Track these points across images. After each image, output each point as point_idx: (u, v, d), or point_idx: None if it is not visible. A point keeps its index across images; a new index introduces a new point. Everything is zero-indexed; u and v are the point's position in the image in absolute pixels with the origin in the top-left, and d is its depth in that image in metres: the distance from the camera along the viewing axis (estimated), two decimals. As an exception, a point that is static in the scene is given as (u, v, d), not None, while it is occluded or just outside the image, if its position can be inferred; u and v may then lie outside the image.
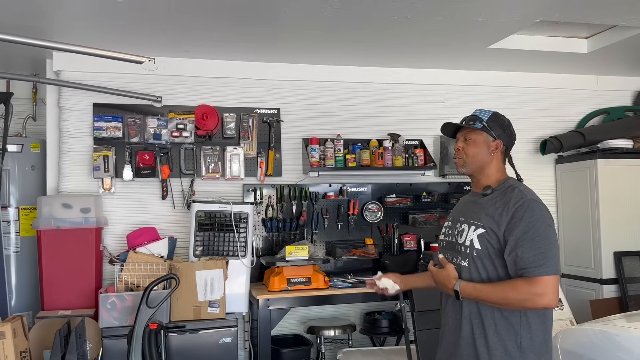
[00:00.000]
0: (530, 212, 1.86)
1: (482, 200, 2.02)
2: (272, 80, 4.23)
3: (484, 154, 2.05)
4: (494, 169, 2.06)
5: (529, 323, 1.90)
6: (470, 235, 1.96)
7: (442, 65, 4.44)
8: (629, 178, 4.41)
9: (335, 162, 4.08)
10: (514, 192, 1.94)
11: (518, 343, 1.89)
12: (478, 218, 1.97)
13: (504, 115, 2.12)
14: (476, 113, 2.10)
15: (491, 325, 1.91)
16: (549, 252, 1.82)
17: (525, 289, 1.81)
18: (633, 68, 4.67)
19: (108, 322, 3.21)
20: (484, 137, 2.05)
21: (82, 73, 3.86)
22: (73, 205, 3.57)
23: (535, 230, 1.84)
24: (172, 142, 3.95)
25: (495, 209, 1.93)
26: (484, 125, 2.05)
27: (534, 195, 1.95)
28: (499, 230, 1.89)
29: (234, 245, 3.60)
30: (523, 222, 1.85)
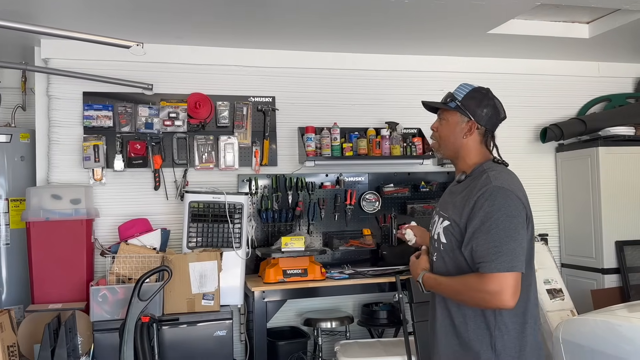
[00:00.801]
0: (492, 200, 1.68)
1: (455, 189, 1.89)
2: (267, 68, 4.13)
3: (456, 136, 1.87)
4: (469, 152, 1.87)
5: (504, 322, 1.73)
6: (438, 228, 1.85)
7: (440, 51, 4.35)
8: (630, 166, 4.33)
9: (332, 152, 4.00)
10: (482, 178, 1.76)
11: (492, 345, 1.73)
12: (446, 209, 1.85)
13: (488, 92, 1.91)
14: (457, 89, 1.91)
15: (462, 325, 1.78)
16: (504, 245, 1.63)
17: (477, 285, 1.66)
18: (635, 54, 4.59)
19: (99, 315, 3.13)
20: (457, 117, 1.87)
21: (71, 61, 3.76)
22: (63, 196, 3.48)
23: (492, 222, 1.66)
24: (164, 131, 3.86)
25: (462, 198, 1.78)
26: (458, 105, 1.86)
27: (503, 182, 1.73)
28: (461, 221, 1.74)
29: (229, 237, 3.52)
30: (482, 211, 1.68)
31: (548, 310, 3.95)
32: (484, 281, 1.64)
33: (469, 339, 1.76)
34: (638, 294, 4.13)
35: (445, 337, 1.84)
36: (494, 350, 1.72)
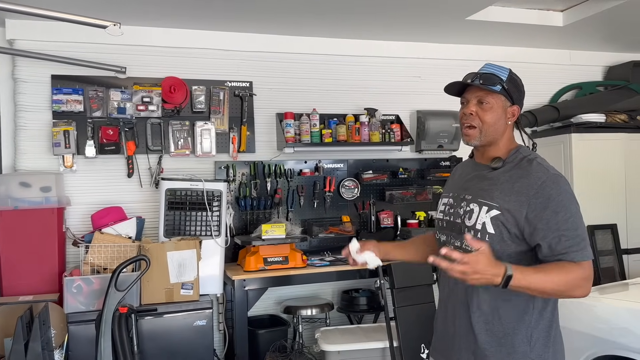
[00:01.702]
0: (557, 189, 1.60)
1: (492, 175, 1.72)
2: (244, 52, 4.04)
3: (501, 123, 1.72)
4: (507, 138, 1.76)
5: (539, 314, 1.67)
6: (482, 217, 1.66)
7: (419, 37, 4.34)
8: (601, 152, 4.44)
9: (311, 138, 3.95)
10: (533, 166, 1.66)
11: (528, 335, 1.66)
12: (491, 197, 1.67)
13: (516, 74, 1.80)
14: (492, 70, 1.74)
15: (495, 316, 1.67)
16: (584, 233, 1.60)
17: (577, 274, 1.56)
18: (605, 43, 4.69)
19: (74, 307, 3.02)
20: (502, 101, 1.72)
21: (39, 42, 3.59)
22: (32, 184, 3.33)
23: (567, 210, 1.58)
24: (138, 116, 3.73)
25: (512, 186, 1.65)
26: (504, 88, 1.71)
27: (555, 169, 1.68)
28: (520, 211, 1.61)
29: (207, 225, 3.44)
30: (553, 202, 1.58)
31: (523, 294, 4.03)
32: (582, 270, 1.57)
33: (503, 333, 1.67)
34: (608, 277, 4.25)
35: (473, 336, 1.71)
36: (529, 342, 1.66)
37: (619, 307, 2.72)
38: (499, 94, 1.72)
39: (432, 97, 4.47)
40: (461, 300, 1.74)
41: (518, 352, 1.65)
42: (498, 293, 1.64)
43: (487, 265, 1.49)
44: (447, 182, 2.02)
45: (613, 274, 4.36)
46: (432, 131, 4.25)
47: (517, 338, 1.65)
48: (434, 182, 4.32)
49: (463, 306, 1.73)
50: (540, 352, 1.66)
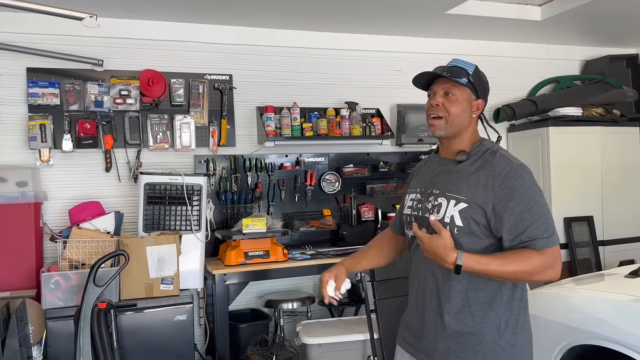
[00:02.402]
0: (521, 180, 1.65)
1: (457, 169, 1.76)
2: (224, 45, 4.01)
3: (466, 115, 1.77)
4: (472, 131, 1.81)
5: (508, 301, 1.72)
6: (450, 210, 1.70)
7: (399, 31, 4.35)
8: (578, 145, 4.51)
9: (292, 132, 3.94)
10: (496, 158, 1.71)
11: (497, 324, 1.70)
12: (458, 190, 1.71)
13: (482, 72, 1.85)
14: (459, 64, 1.79)
15: (465, 307, 1.71)
16: (549, 220, 1.66)
17: (538, 261, 1.62)
18: (582, 37, 4.75)
19: (52, 302, 2.98)
20: (467, 94, 1.77)
21: (13, 34, 3.51)
22: (7, 178, 3.27)
23: (532, 200, 1.64)
24: (115, 109, 3.68)
25: (478, 179, 1.69)
26: (470, 81, 1.76)
27: (517, 159, 1.73)
28: (487, 203, 1.66)
29: (187, 219, 3.42)
30: (517, 192, 1.64)
31: (502, 285, 4.08)
32: (543, 256, 1.63)
33: (473, 322, 1.71)
34: (584, 268, 4.34)
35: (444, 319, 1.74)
36: (498, 330, 1.71)
37: (595, 298, 2.76)
38: (464, 87, 1.77)
39: (412, 91, 4.39)
40: (431, 292, 1.78)
41: (487, 340, 1.69)
42: (468, 284, 1.70)
43: (440, 249, 1.62)
44: (411, 178, 2.04)
45: (589, 265, 4.44)
46: (412, 125, 4.28)
47: (486, 326, 1.70)
48: (414, 176, 4.34)
49: (434, 297, 1.77)
50: (509, 339, 1.70)
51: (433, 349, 1.77)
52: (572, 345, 2.71)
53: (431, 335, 1.77)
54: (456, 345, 1.72)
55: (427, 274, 1.79)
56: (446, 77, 1.77)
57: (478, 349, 1.70)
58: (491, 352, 1.69)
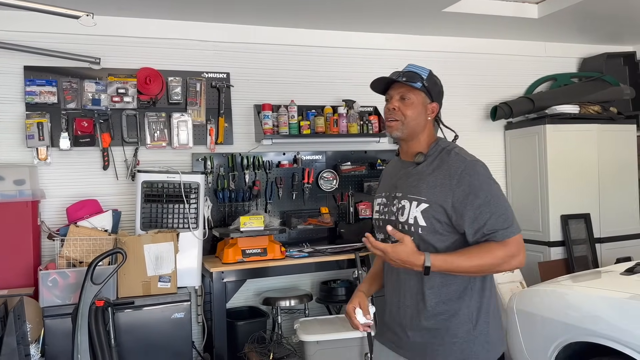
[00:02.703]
0: (476, 175, 1.73)
1: (416, 170, 1.84)
2: (221, 42, 4.01)
3: (421, 118, 1.85)
4: (428, 133, 1.88)
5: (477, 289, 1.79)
6: (413, 212, 1.77)
7: (396, 29, 4.36)
8: (575, 143, 4.52)
9: (290, 129, 3.95)
10: (451, 156, 1.79)
11: (470, 315, 1.77)
12: (419, 192, 1.78)
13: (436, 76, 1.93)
14: (414, 69, 1.86)
15: (440, 301, 1.77)
16: (507, 211, 1.73)
17: (501, 252, 1.69)
18: (579, 35, 4.76)
19: (49, 300, 2.99)
20: (422, 98, 1.85)
21: (10, 32, 3.51)
22: (5, 176, 3.28)
23: (488, 193, 1.71)
24: (113, 107, 3.69)
25: (436, 178, 1.77)
26: (424, 85, 1.84)
27: (472, 155, 1.81)
28: (446, 201, 1.73)
29: (185, 217, 3.42)
30: (474, 188, 1.71)
31: (499, 283, 4.09)
32: (505, 247, 1.69)
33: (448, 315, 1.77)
34: (581, 265, 4.35)
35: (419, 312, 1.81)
36: (471, 321, 1.78)
37: (591, 295, 2.77)
38: (419, 91, 1.84)
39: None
40: (405, 290, 1.84)
41: (462, 331, 1.77)
42: (440, 279, 1.77)
43: (406, 256, 1.68)
44: (379, 183, 2.10)
45: (586, 262, 4.46)
46: (409, 123, 4.27)
47: (460, 318, 1.77)
48: (411, 173, 4.35)
49: (407, 295, 1.84)
50: (482, 328, 1.78)
51: (411, 344, 1.83)
52: (568, 342, 2.72)
53: (409, 330, 1.84)
54: (433, 338, 1.79)
55: (401, 272, 1.85)
56: (401, 82, 1.84)
57: (454, 341, 1.77)
58: (466, 343, 1.77)
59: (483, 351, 1.77)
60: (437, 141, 1.88)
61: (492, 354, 1.81)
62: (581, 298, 2.80)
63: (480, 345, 1.77)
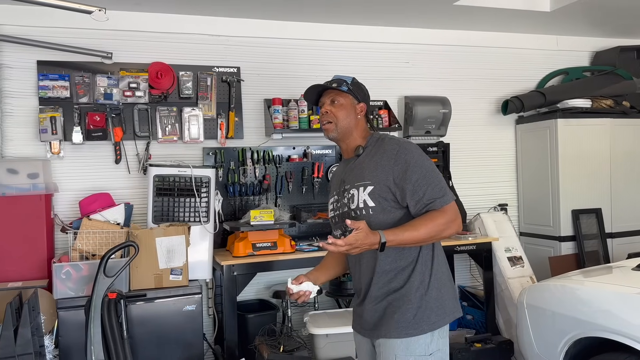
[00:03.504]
0: (410, 153, 1.93)
1: (358, 162, 2.03)
2: (231, 37, 4.02)
3: (351, 118, 2.06)
4: (361, 129, 2.09)
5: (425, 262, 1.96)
6: (361, 196, 1.95)
7: (407, 23, 4.34)
8: (587, 137, 4.49)
9: (300, 124, 3.96)
10: (385, 142, 2.00)
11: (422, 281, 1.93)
12: (363, 177, 1.97)
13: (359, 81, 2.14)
14: (339, 76, 2.10)
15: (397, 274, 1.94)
16: (441, 182, 1.92)
17: (442, 219, 1.87)
18: (592, 28, 4.71)
19: (63, 292, 3.04)
20: (350, 100, 2.06)
21: (24, 28, 3.55)
22: (19, 170, 3.32)
23: (423, 167, 1.91)
24: (125, 102, 3.71)
25: (375, 162, 1.96)
26: (350, 89, 2.06)
27: (403, 139, 2.05)
28: (388, 179, 1.92)
29: (195, 211, 3.45)
30: (410, 164, 1.90)
31: (509, 277, 4.09)
32: (444, 214, 1.89)
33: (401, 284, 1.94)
34: (592, 260, 4.33)
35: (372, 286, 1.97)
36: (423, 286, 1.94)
37: (602, 290, 2.76)
38: (346, 94, 2.06)
39: (420, 83, 4.49)
40: (366, 271, 2.00)
41: (416, 297, 1.92)
42: (395, 253, 1.93)
43: (365, 239, 1.81)
44: (330, 187, 2.25)
45: (597, 257, 4.44)
46: (419, 117, 4.27)
47: (413, 285, 1.93)
48: (421, 168, 4.34)
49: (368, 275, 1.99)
50: (434, 293, 1.94)
51: (371, 318, 1.99)
52: (578, 338, 2.71)
53: (370, 307, 1.99)
54: (391, 308, 1.94)
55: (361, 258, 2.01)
56: (330, 87, 2.06)
57: (409, 307, 1.92)
58: (419, 308, 1.92)
59: (434, 315, 1.92)
60: (372, 134, 2.09)
61: (445, 318, 1.95)
62: (592, 293, 2.79)
63: (432, 310, 1.92)
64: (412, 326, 1.90)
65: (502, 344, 3.59)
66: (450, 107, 4.34)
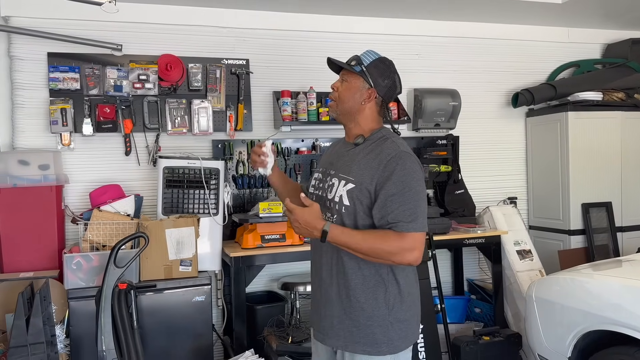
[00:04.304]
0: (402, 165, 1.76)
1: (353, 152, 1.90)
2: (240, 29, 4.02)
3: (354, 101, 1.91)
4: (366, 118, 1.92)
5: (396, 279, 1.84)
6: (339, 190, 1.84)
7: (417, 15, 4.31)
8: (598, 130, 4.45)
9: (308, 116, 3.95)
10: (386, 143, 1.84)
11: (387, 300, 1.82)
12: (349, 172, 1.85)
13: (391, 64, 1.96)
14: (361, 54, 1.95)
15: (358, 285, 1.82)
16: (418, 208, 1.76)
17: (396, 242, 1.73)
18: (604, 20, 4.66)
19: (74, 283, 3.07)
20: (359, 82, 1.91)
21: (35, 19, 3.56)
22: (30, 161, 3.35)
23: (406, 185, 1.75)
24: (134, 94, 3.72)
25: (367, 161, 1.82)
26: (363, 70, 1.90)
27: (407, 148, 1.85)
28: (371, 184, 1.79)
29: (205, 203, 3.47)
30: (395, 175, 1.75)
31: (518, 271, 4.08)
32: (402, 240, 1.73)
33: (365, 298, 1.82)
34: (602, 254, 4.31)
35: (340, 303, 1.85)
36: (387, 306, 1.82)
37: (612, 284, 2.76)
38: (357, 75, 1.91)
39: (429, 75, 4.47)
40: (328, 271, 1.89)
41: (377, 316, 1.82)
42: (361, 261, 1.81)
43: (310, 218, 1.74)
44: (322, 157, 2.15)
45: (607, 251, 4.41)
46: (428, 109, 4.26)
47: (377, 302, 1.82)
48: (430, 161, 4.33)
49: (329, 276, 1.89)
50: (398, 315, 1.84)
51: (329, 326, 1.88)
52: (587, 331, 2.71)
53: (328, 312, 1.89)
54: (349, 320, 1.83)
55: (324, 254, 1.90)
56: (343, 65, 1.93)
57: (369, 324, 1.81)
58: (380, 327, 1.81)
59: (397, 337, 1.82)
60: (380, 129, 1.93)
61: (406, 341, 1.86)
62: (601, 286, 2.79)
63: (395, 331, 1.82)
64: (382, 344, 1.81)
65: (511, 337, 3.59)
66: (460, 100, 4.32)
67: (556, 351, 2.90)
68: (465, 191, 4.41)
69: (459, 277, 4.53)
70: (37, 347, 2.71)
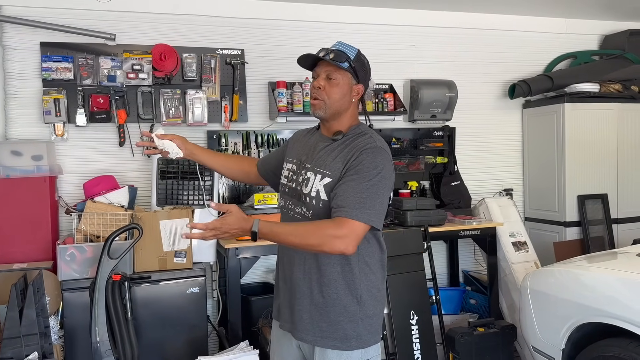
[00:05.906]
0: (372, 157, 1.72)
1: (330, 146, 1.84)
2: (235, 19, 3.98)
3: (346, 100, 1.84)
4: (350, 114, 1.87)
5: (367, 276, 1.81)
6: (316, 185, 1.78)
7: (414, 5, 4.28)
8: (594, 122, 4.44)
9: (304, 107, 3.92)
10: (362, 137, 1.80)
11: (357, 297, 1.80)
12: (324, 165, 1.79)
13: (364, 55, 1.89)
14: (342, 48, 1.84)
15: (331, 281, 1.79)
16: (370, 200, 1.67)
17: (329, 230, 1.65)
18: (601, 11, 4.64)
19: (67, 274, 3.06)
20: (348, 79, 1.84)
21: (27, 8, 3.52)
22: (23, 152, 3.32)
23: (367, 176, 1.70)
24: (128, 84, 3.69)
25: (344, 155, 1.78)
26: (351, 66, 1.82)
27: (383, 144, 1.81)
28: (343, 171, 1.75)
29: (200, 194, 3.45)
30: (361, 164, 1.71)
31: (513, 262, 4.09)
32: (338, 226, 1.64)
33: (337, 295, 1.79)
34: (597, 246, 4.31)
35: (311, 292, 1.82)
36: (358, 302, 1.80)
37: (607, 276, 2.75)
38: (345, 71, 1.82)
39: (426, 66, 4.44)
40: (299, 264, 1.84)
41: (349, 311, 1.79)
42: (331, 260, 1.77)
43: (237, 223, 1.64)
44: (291, 144, 2.05)
45: (602, 243, 4.42)
46: (425, 101, 4.24)
47: (348, 298, 1.79)
48: (426, 152, 4.32)
49: (300, 269, 1.84)
50: (367, 311, 1.81)
51: (299, 320, 1.84)
52: (581, 323, 2.71)
53: (298, 306, 1.85)
54: (320, 316, 1.81)
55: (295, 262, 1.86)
56: (329, 60, 1.81)
57: (340, 320, 1.79)
58: (351, 323, 1.79)
59: (366, 332, 1.80)
60: (359, 125, 1.88)
61: (375, 335, 1.84)
62: (596, 279, 2.79)
63: (364, 326, 1.80)
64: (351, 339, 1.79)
65: (505, 329, 3.59)
66: (456, 91, 4.30)
67: (550, 343, 2.90)
68: (461, 183, 4.40)
69: (455, 269, 4.54)
70: (30, 338, 2.70)
